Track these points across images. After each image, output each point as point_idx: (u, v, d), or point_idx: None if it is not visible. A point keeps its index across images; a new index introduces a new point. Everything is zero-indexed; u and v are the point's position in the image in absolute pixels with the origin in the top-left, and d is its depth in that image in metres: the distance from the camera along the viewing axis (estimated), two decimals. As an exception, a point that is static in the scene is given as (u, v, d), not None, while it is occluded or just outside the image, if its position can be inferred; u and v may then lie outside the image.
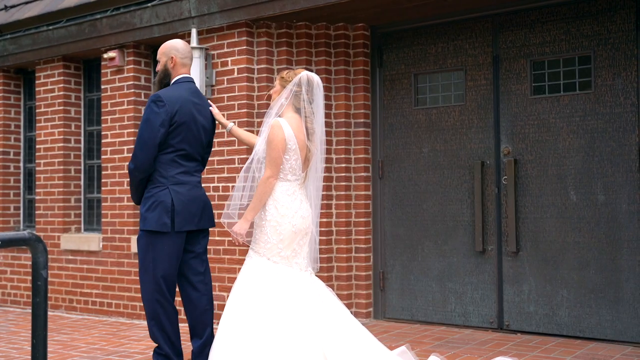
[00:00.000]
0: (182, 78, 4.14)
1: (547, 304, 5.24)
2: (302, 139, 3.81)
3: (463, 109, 5.68)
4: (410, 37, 5.96)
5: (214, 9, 5.89)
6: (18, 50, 7.27)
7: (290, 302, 3.65)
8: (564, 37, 5.25)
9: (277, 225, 3.75)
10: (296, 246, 3.80)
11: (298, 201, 3.82)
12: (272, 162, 3.75)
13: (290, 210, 3.77)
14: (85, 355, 5.02)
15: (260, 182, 3.78)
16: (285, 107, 3.86)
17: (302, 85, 3.84)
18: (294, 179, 3.83)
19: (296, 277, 3.76)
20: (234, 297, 3.76)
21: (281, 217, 3.75)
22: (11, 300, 7.46)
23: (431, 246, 5.79)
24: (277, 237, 3.75)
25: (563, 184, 5.22)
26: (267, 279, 3.71)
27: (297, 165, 3.81)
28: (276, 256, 3.76)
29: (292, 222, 3.77)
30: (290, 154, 3.77)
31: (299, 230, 3.79)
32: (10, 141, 7.69)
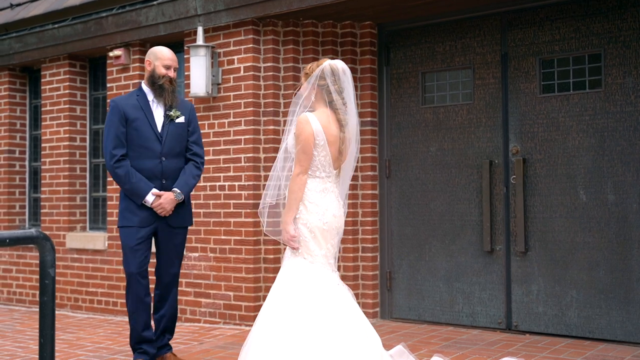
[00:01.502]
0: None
1: (557, 305, 5.20)
2: (333, 134, 3.62)
3: (471, 107, 5.64)
4: (418, 35, 5.92)
5: (220, 6, 5.86)
6: (23, 48, 7.25)
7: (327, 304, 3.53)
8: (573, 35, 5.21)
9: (308, 222, 3.60)
10: (330, 246, 3.64)
11: (329, 199, 3.65)
12: (300, 159, 3.59)
13: (320, 208, 3.61)
14: (92, 355, 4.99)
15: (290, 181, 3.64)
16: (314, 103, 3.68)
17: (327, 76, 3.64)
18: (325, 175, 3.64)
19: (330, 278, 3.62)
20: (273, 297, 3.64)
21: (311, 215, 3.60)
22: (17, 299, 7.44)
23: (439, 246, 5.75)
24: (309, 236, 3.60)
25: (572, 184, 5.17)
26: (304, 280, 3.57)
27: (326, 162, 3.62)
28: (309, 255, 3.61)
29: (322, 219, 3.61)
30: (319, 150, 3.59)
31: (331, 228, 3.63)
32: (15, 140, 7.68)
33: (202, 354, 4.91)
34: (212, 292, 5.97)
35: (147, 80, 4.52)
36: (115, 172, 4.36)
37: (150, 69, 4.51)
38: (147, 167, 4.40)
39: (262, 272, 5.81)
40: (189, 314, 6.10)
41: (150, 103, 4.48)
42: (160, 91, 4.46)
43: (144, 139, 4.41)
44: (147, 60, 4.53)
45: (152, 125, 4.44)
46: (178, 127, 4.52)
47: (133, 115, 4.41)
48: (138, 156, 4.40)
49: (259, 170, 5.82)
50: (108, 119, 4.45)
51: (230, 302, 5.86)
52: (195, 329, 5.82)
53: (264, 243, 5.82)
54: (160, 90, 4.45)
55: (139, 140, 4.41)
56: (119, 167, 4.34)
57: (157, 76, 4.46)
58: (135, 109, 4.43)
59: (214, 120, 5.99)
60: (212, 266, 5.97)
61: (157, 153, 4.43)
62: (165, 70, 4.47)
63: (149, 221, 4.41)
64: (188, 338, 5.47)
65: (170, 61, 4.49)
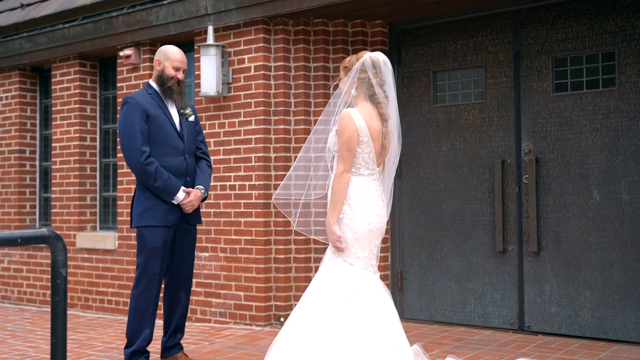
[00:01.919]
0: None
1: (570, 305, 5.15)
2: (376, 129, 3.47)
3: (483, 106, 5.60)
4: (429, 34, 5.88)
5: (231, 6, 5.84)
6: (34, 48, 7.26)
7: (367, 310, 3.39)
8: (587, 33, 5.16)
9: (351, 222, 3.44)
10: (373, 247, 3.49)
11: (373, 197, 3.49)
12: (344, 156, 3.43)
13: (365, 207, 3.45)
14: (102, 354, 4.98)
15: (334, 179, 3.47)
16: (355, 97, 3.54)
17: (368, 69, 3.50)
18: (368, 173, 3.49)
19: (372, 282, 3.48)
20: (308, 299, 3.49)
21: (355, 214, 3.44)
22: (27, 299, 7.45)
23: (450, 246, 5.71)
24: (352, 236, 3.44)
25: (586, 183, 5.12)
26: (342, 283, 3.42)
27: (370, 159, 3.47)
28: (352, 257, 3.45)
29: (367, 219, 3.45)
30: (363, 147, 3.44)
31: (375, 229, 3.47)
32: (26, 139, 7.69)
33: (213, 354, 4.89)
34: (223, 292, 5.95)
35: (155, 79, 4.46)
36: (145, 169, 4.21)
37: (159, 69, 4.44)
38: (172, 165, 4.33)
39: (272, 272, 5.79)
40: (200, 314, 6.09)
41: (165, 101, 4.44)
42: (169, 93, 4.42)
43: (167, 137, 4.33)
44: (157, 59, 4.47)
45: (172, 123, 4.39)
46: (191, 125, 4.51)
47: (154, 113, 4.33)
48: (163, 154, 4.31)
49: (270, 169, 5.79)
50: (127, 116, 4.29)
51: (240, 302, 5.84)
52: (205, 329, 5.80)
53: (274, 243, 5.80)
54: (170, 92, 4.42)
55: (163, 138, 4.32)
56: (150, 164, 4.21)
57: (166, 77, 4.40)
58: (154, 106, 4.36)
59: (225, 120, 5.97)
60: (222, 266, 5.96)
61: (181, 150, 4.39)
62: (175, 72, 4.41)
63: (176, 219, 4.35)
64: (198, 338, 5.46)
65: (180, 63, 4.44)
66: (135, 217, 4.35)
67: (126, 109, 4.32)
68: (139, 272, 4.34)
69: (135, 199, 4.40)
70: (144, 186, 4.32)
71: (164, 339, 4.55)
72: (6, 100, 7.72)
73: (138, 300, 4.35)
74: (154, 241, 4.28)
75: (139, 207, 4.34)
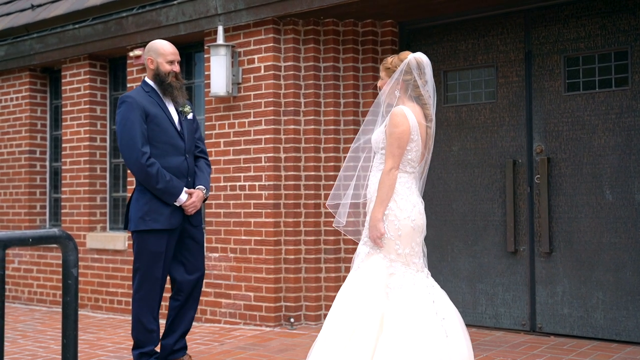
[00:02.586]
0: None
1: (582, 306, 5.11)
2: (424, 130, 3.51)
3: (494, 106, 5.56)
4: (440, 33, 5.85)
5: (241, 6, 5.83)
6: (44, 49, 7.28)
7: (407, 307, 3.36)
8: (599, 32, 5.11)
9: (396, 219, 3.44)
10: (414, 244, 3.48)
11: (415, 195, 3.52)
12: (394, 153, 3.41)
13: (409, 204, 3.47)
14: (112, 355, 4.98)
15: (382, 176, 3.44)
16: (398, 99, 3.53)
17: (413, 70, 3.49)
18: (412, 171, 3.51)
19: (414, 279, 3.45)
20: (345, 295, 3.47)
21: (400, 211, 3.44)
22: (37, 299, 7.47)
23: (461, 246, 5.68)
24: (395, 233, 3.44)
25: (598, 183, 5.08)
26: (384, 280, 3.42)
27: (416, 158, 3.50)
28: (393, 253, 3.44)
29: (410, 216, 3.46)
30: (412, 145, 3.45)
31: (418, 226, 3.49)
32: (36, 140, 7.71)
33: (223, 355, 4.88)
34: (233, 292, 5.94)
35: (152, 78, 4.28)
36: (147, 170, 4.07)
37: (153, 67, 4.24)
38: (173, 165, 4.20)
39: (282, 273, 5.77)
40: (209, 315, 6.08)
41: (163, 99, 4.29)
42: (170, 90, 4.25)
43: (168, 136, 4.20)
44: (148, 58, 4.25)
45: (171, 121, 4.25)
46: (190, 123, 4.37)
47: (153, 111, 4.17)
48: (164, 154, 4.17)
49: (280, 170, 5.78)
50: (126, 116, 4.14)
51: (250, 303, 5.83)
52: (215, 330, 5.79)
53: (284, 243, 5.78)
54: (170, 89, 4.25)
55: (163, 137, 4.18)
56: (151, 166, 4.07)
57: (164, 74, 4.22)
58: (152, 105, 4.20)
59: (234, 120, 5.96)
60: (232, 267, 5.95)
61: (182, 150, 4.26)
62: (170, 66, 4.23)
63: (179, 222, 4.22)
64: (208, 339, 5.45)
65: (172, 55, 4.25)
66: (136, 220, 4.17)
67: (124, 108, 4.17)
68: (140, 277, 4.20)
69: (134, 200, 4.23)
70: (144, 188, 4.18)
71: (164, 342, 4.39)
72: (17, 100, 7.74)
73: (141, 305, 4.22)
74: (157, 245, 4.15)
75: (140, 210, 4.17)
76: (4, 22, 7.96)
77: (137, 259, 4.22)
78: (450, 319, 3.46)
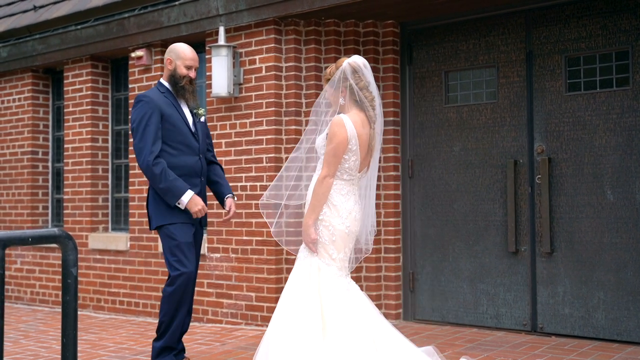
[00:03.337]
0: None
1: (583, 306, 5.10)
2: (365, 136, 3.58)
3: (495, 106, 5.56)
4: (441, 33, 5.86)
5: (242, 6, 5.84)
6: (46, 50, 7.29)
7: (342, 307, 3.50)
8: (600, 32, 5.11)
9: (330, 225, 3.57)
10: (347, 249, 3.62)
11: (352, 201, 3.62)
12: (330, 161, 3.53)
13: (345, 211, 3.58)
14: (114, 355, 4.99)
15: (317, 182, 3.58)
16: (343, 106, 3.62)
17: (349, 76, 3.59)
18: (349, 178, 3.62)
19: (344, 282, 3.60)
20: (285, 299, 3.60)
21: (335, 218, 3.57)
22: (40, 300, 7.49)
23: (462, 246, 5.68)
24: (329, 238, 3.57)
25: (599, 183, 5.08)
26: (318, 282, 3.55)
27: (354, 166, 3.60)
28: (328, 258, 3.58)
29: (345, 223, 3.59)
30: (350, 155, 3.56)
31: (352, 232, 3.62)
32: (39, 141, 7.73)
33: (224, 355, 4.89)
34: (234, 292, 5.95)
35: (167, 79, 4.37)
36: (152, 169, 4.09)
37: (171, 68, 4.34)
38: (188, 164, 4.25)
39: (284, 273, 5.78)
40: (211, 315, 6.09)
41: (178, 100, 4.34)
42: (182, 92, 4.33)
43: (183, 136, 4.24)
44: (168, 58, 4.35)
45: (186, 122, 4.30)
46: (203, 125, 4.45)
47: (168, 112, 4.22)
48: (179, 153, 4.22)
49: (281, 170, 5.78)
50: (141, 114, 4.16)
51: (252, 303, 5.83)
52: (217, 330, 5.80)
53: (285, 244, 5.78)
54: (182, 91, 4.33)
55: (179, 137, 4.22)
56: (156, 165, 4.09)
57: (179, 77, 4.31)
58: (168, 105, 4.25)
59: (236, 121, 5.97)
60: (233, 267, 5.96)
61: (196, 150, 4.30)
62: (187, 71, 4.32)
63: (192, 219, 4.26)
64: (210, 339, 5.45)
65: (192, 61, 4.34)
66: (159, 216, 4.19)
67: (140, 107, 4.21)
68: (176, 273, 4.14)
69: (152, 199, 4.25)
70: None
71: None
72: (19, 101, 7.76)
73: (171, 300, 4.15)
74: (185, 236, 4.17)
75: (161, 205, 4.19)
76: (7, 23, 7.99)
77: (169, 255, 4.20)
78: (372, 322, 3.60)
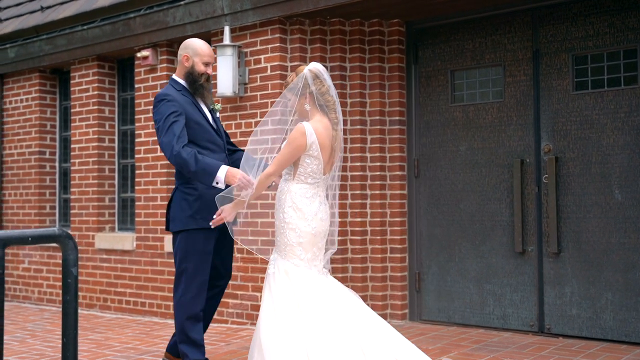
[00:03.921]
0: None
1: (591, 307, 5.06)
2: (328, 140, 3.69)
3: (502, 105, 5.53)
4: (447, 32, 5.82)
5: (247, 6, 5.83)
6: (53, 50, 7.31)
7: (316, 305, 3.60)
8: (608, 30, 5.07)
9: (297, 228, 3.67)
10: (316, 249, 3.72)
11: (317, 203, 3.72)
12: (280, 161, 3.67)
13: (310, 214, 3.69)
14: (119, 355, 4.99)
15: (261, 175, 3.74)
16: (310, 111, 3.72)
17: (310, 83, 3.71)
18: (314, 182, 3.71)
19: (317, 280, 3.69)
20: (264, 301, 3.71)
21: (300, 220, 3.67)
22: (47, 299, 7.51)
23: (469, 247, 5.65)
24: (297, 240, 3.68)
25: (607, 183, 5.03)
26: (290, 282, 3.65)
27: (318, 170, 3.70)
28: (296, 259, 3.68)
29: (311, 225, 3.68)
30: (312, 159, 3.67)
31: (318, 232, 3.71)
32: (46, 141, 7.74)
33: (229, 355, 4.88)
34: (240, 292, 5.94)
35: (184, 76, 4.16)
36: (181, 154, 3.85)
37: (188, 65, 4.13)
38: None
39: (289, 273, 5.76)
40: (216, 315, 6.07)
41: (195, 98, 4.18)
42: (200, 90, 4.17)
43: (207, 134, 4.09)
44: (185, 55, 4.14)
45: (207, 119, 4.16)
46: (219, 122, 4.34)
47: (189, 109, 4.06)
48: (208, 153, 4.03)
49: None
50: (167, 112, 3.97)
51: (257, 303, 5.82)
52: (222, 330, 5.79)
53: (291, 243, 5.77)
54: (201, 89, 4.16)
55: (205, 135, 4.07)
56: (184, 150, 3.87)
57: (197, 74, 4.11)
58: (188, 104, 4.09)
59: (241, 120, 5.96)
60: (239, 267, 5.94)
61: (222, 147, 4.18)
62: (205, 68, 4.15)
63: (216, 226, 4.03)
64: (215, 339, 5.45)
65: (209, 57, 4.17)
66: (184, 219, 4.01)
67: (164, 105, 4.02)
68: (188, 279, 4.00)
69: (179, 200, 4.05)
70: (188, 186, 4.03)
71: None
72: (26, 102, 7.79)
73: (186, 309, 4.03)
74: (206, 245, 4.01)
75: (188, 208, 4.02)
76: (14, 24, 8.01)
77: (184, 259, 4.02)
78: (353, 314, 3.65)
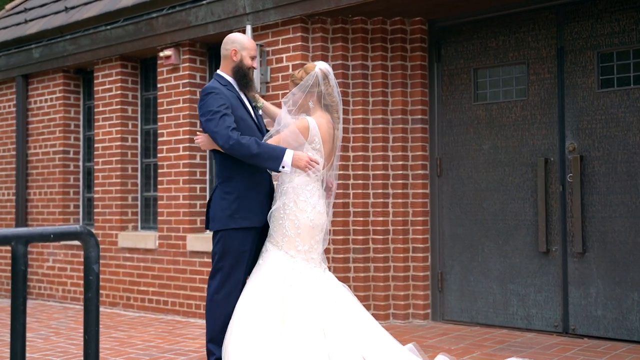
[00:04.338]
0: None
1: (617, 308, 4.98)
2: (328, 138, 3.83)
3: (525, 104, 5.46)
4: (470, 30, 5.77)
5: (269, 5, 5.83)
6: (77, 50, 7.37)
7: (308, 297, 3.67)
8: (634, 26, 4.99)
9: (296, 219, 3.76)
10: (313, 242, 3.80)
11: (316, 196, 3.82)
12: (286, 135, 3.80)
13: (309, 206, 3.78)
14: (142, 353, 5.02)
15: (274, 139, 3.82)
16: (313, 108, 3.86)
17: (320, 81, 3.83)
18: (314, 175, 3.81)
19: (313, 273, 3.77)
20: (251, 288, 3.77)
21: (300, 212, 3.76)
22: (71, 297, 7.57)
23: (492, 246, 5.59)
24: (295, 231, 3.76)
25: (633, 182, 4.95)
26: (285, 273, 3.73)
27: (319, 165, 3.81)
28: (293, 250, 3.76)
29: (309, 217, 3.77)
30: (314, 153, 3.81)
31: (316, 225, 3.80)
32: (70, 140, 7.82)
33: (251, 354, 4.87)
34: (261, 291, 5.93)
35: (231, 71, 4.06)
36: (239, 140, 3.76)
37: (237, 60, 4.04)
38: None
39: (310, 272, 5.75)
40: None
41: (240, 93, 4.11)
42: (250, 85, 4.10)
43: (252, 130, 4.02)
44: (233, 49, 4.04)
45: (251, 116, 4.10)
46: (261, 119, 4.26)
47: (235, 104, 4.00)
48: None
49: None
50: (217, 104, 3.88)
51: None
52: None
53: (312, 243, 5.76)
54: (251, 83, 4.11)
55: (248, 131, 3.98)
56: (244, 137, 3.79)
57: (246, 68, 4.05)
58: (234, 98, 4.02)
59: (263, 119, 5.96)
60: (261, 266, 5.94)
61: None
62: (252, 61, 4.07)
63: (265, 218, 3.96)
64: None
65: (254, 51, 4.13)
66: (223, 218, 3.94)
67: (212, 98, 3.92)
68: (223, 277, 3.95)
69: (219, 199, 3.99)
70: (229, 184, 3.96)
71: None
72: (51, 102, 7.87)
73: (222, 305, 3.97)
74: (243, 244, 3.94)
75: (228, 207, 3.94)
76: (39, 25, 8.10)
77: (221, 258, 3.98)
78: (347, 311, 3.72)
